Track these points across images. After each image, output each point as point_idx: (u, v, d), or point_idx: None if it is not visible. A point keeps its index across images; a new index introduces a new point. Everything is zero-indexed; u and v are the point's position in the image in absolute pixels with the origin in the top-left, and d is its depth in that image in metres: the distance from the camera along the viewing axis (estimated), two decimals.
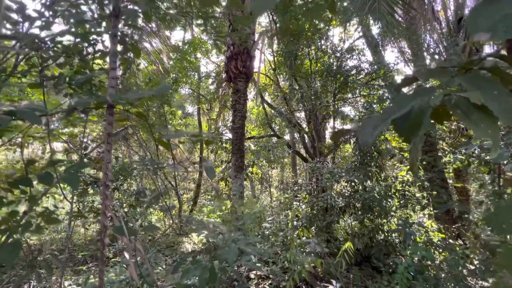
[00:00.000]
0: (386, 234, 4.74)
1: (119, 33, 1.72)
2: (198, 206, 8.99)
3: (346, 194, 5.26)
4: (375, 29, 6.61)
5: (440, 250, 3.92)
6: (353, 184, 5.14)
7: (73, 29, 1.96)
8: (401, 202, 4.92)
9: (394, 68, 6.10)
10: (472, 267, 3.64)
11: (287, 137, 11.88)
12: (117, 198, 6.18)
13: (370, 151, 5.16)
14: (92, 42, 2.07)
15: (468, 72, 0.51)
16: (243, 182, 5.25)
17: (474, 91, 0.41)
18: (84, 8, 2.09)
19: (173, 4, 2.94)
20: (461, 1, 6.94)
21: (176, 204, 7.63)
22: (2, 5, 1.96)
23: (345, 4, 4.81)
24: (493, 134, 0.40)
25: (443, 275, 3.49)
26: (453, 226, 4.67)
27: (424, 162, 5.47)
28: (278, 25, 8.04)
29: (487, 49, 6.63)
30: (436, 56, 6.13)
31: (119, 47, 1.90)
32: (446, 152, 5.07)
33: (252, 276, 3.78)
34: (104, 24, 2.08)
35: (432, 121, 0.61)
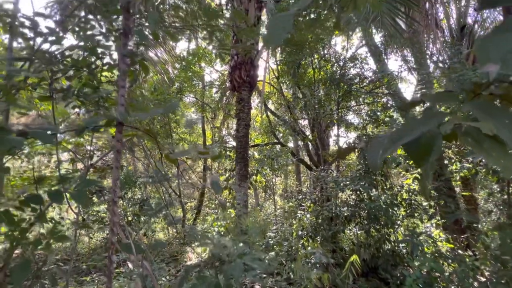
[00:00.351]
0: (393, 244, 4.65)
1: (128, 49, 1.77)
2: (202, 215, 8.95)
3: (351, 203, 5.20)
4: (377, 38, 6.66)
5: (449, 261, 3.82)
6: (358, 193, 5.08)
7: (82, 43, 2.02)
8: (408, 211, 4.84)
9: (398, 76, 6.11)
10: (483, 279, 3.53)
11: (290, 144, 11.87)
12: (122, 207, 6.19)
13: None
14: (100, 55, 2.12)
15: (477, 96, 0.52)
16: (247, 191, 5.23)
17: (485, 120, 0.41)
18: (93, 22, 2.15)
19: (179, 17, 3.00)
20: (463, 10, 6.98)
21: (180, 214, 7.61)
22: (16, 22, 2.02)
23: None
24: (506, 163, 0.40)
25: (453, 287, 3.39)
26: (462, 236, 4.57)
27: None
28: None
29: None
30: (440, 65, 6.13)
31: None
32: (453, 161, 5.01)
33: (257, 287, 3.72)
34: (112, 38, 2.15)
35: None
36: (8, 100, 1.11)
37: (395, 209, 4.70)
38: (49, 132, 0.78)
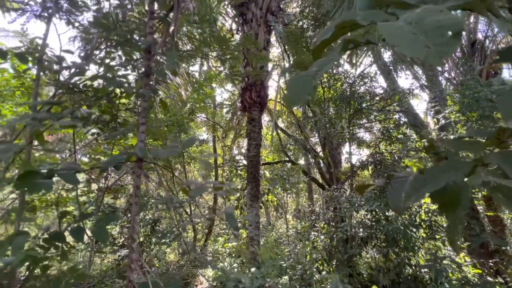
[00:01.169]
0: (414, 269, 4.39)
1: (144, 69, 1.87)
2: (213, 234, 8.82)
3: (367, 223, 5.00)
4: (386, 56, 6.70)
5: None
6: (374, 213, 4.90)
7: (102, 73, 2.15)
8: (428, 233, 4.60)
9: (409, 93, 6.07)
10: None
11: (301, 162, 11.75)
12: None
13: (390, 178, 4.97)
14: (119, 84, 2.23)
15: (503, 144, 0.50)
16: (259, 211, 5.15)
17: None
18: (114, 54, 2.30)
19: (193, 45, 3.13)
20: (473, 26, 6.98)
21: (191, 233, 7.53)
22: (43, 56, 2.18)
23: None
24: None
25: None
26: (490, 261, 4.26)
27: None
28: (288, 53, 8.35)
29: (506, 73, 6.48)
30: (453, 81, 6.06)
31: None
32: None
33: None
34: (130, 67, 2.28)
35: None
36: (39, 140, 1.18)
37: (414, 231, 4.47)
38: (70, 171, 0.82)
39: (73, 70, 2.09)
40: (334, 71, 6.38)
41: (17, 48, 2.55)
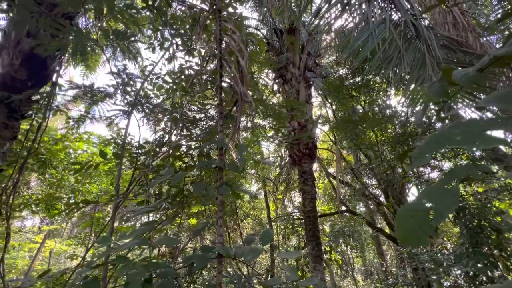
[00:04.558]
0: None
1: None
2: None
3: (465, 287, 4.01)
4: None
5: None
6: (472, 274, 3.94)
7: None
8: None
9: None
10: None
11: (362, 209, 10.66)
12: None
13: (483, 228, 4.09)
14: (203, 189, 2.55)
15: None
16: (324, 275, 4.61)
17: None
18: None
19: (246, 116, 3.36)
20: None
21: None
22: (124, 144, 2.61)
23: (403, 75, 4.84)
24: None
25: None
26: None
27: None
28: (330, 101, 8.45)
29: None
30: None
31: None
32: None
33: None
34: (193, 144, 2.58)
35: None
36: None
37: None
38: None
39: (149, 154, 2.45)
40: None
41: (107, 140, 3.11)
